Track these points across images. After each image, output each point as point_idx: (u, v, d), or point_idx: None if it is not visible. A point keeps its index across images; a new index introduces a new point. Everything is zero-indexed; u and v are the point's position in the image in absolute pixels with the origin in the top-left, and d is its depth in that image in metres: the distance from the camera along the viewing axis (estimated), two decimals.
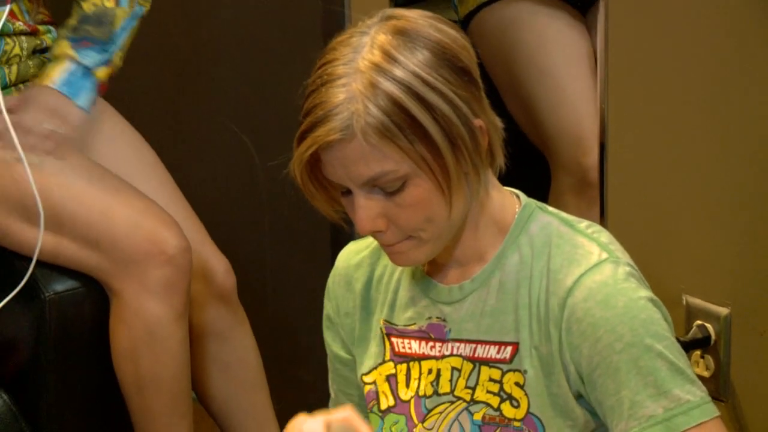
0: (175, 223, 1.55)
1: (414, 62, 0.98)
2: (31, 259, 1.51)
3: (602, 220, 1.57)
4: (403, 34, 1.00)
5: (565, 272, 1.05)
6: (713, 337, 1.45)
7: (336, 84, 0.98)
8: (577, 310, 1.02)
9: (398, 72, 0.97)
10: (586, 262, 1.04)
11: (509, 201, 1.11)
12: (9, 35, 1.61)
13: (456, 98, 0.98)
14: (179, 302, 1.55)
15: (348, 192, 1.00)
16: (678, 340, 1.14)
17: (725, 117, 1.47)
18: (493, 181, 1.08)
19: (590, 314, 1.02)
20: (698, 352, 1.52)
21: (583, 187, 1.81)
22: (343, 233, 1.98)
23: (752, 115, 1.43)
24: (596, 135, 1.64)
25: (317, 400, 1.25)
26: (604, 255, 1.03)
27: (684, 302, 1.51)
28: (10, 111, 1.51)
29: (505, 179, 1.12)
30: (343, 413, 0.96)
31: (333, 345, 1.26)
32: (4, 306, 1.52)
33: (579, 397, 1.05)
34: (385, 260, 1.17)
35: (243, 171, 1.99)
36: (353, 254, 1.24)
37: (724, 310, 1.45)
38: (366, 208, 1.00)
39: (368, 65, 0.98)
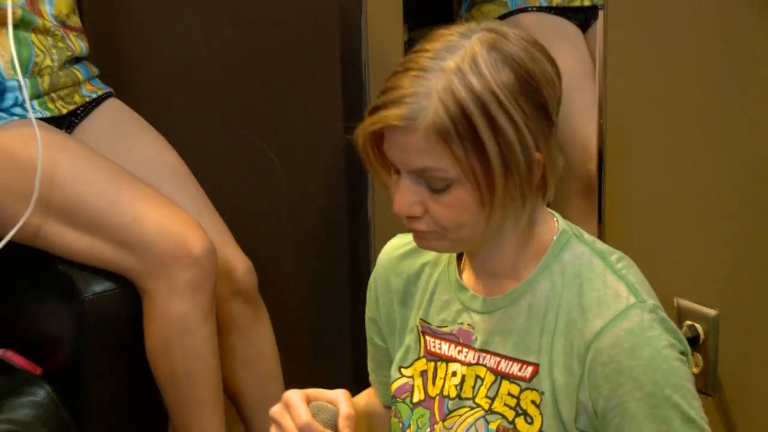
0: (200, 226, 1.63)
1: (496, 81, 1.01)
2: (68, 261, 1.62)
3: (599, 225, 1.63)
4: (497, 50, 1.03)
5: (595, 313, 1.08)
6: (702, 336, 1.53)
7: (419, 74, 1.02)
8: (603, 355, 1.06)
9: (477, 85, 1.01)
10: (615, 306, 1.07)
11: (549, 226, 1.15)
12: (35, 31, 1.68)
13: (524, 128, 1.01)
14: (205, 301, 1.62)
15: (398, 171, 1.06)
16: None
17: (717, 129, 1.55)
18: (540, 207, 1.12)
19: (616, 360, 1.06)
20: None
21: (588, 192, 1.90)
22: (362, 238, 2.14)
23: (743, 127, 1.51)
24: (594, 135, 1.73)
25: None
26: (632, 299, 1.06)
27: (675, 304, 1.57)
28: None
29: None
30: (332, 392, 1.08)
31: (371, 331, 1.32)
32: (48, 305, 1.66)
33: (587, 429, 1.10)
34: (425, 258, 1.24)
35: (265, 176, 2.08)
36: (398, 247, 1.28)
37: (712, 312, 1.54)
38: (408, 193, 1.04)
39: (453, 68, 1.01)
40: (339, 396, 1.11)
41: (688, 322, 1.59)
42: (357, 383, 1.46)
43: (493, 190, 1.01)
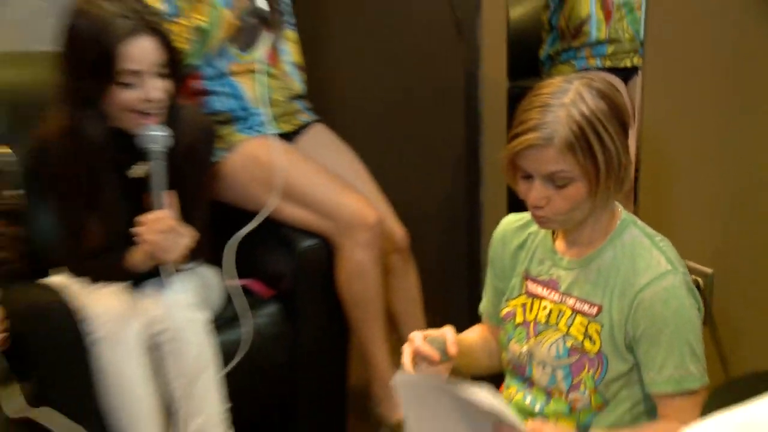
0: (373, 205, 2.26)
1: (599, 108, 1.37)
2: (289, 226, 2.27)
3: (635, 208, 2.11)
4: (593, 89, 1.39)
5: (642, 275, 1.44)
6: (702, 287, 1.92)
7: (544, 109, 1.36)
8: (645, 302, 1.42)
9: (587, 112, 1.35)
10: (656, 271, 1.43)
11: (616, 213, 1.53)
12: (272, 76, 2.32)
13: (617, 141, 1.39)
14: (375, 254, 2.21)
15: (528, 177, 1.41)
16: None
17: (717, 148, 1.97)
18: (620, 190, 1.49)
19: (653, 307, 1.43)
20: None
21: (629, 190, 2.37)
22: (475, 217, 2.72)
23: (739, 140, 1.92)
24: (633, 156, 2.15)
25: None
26: (669, 267, 1.44)
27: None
28: None
29: None
30: (441, 330, 1.48)
31: (491, 274, 1.74)
32: (277, 254, 2.31)
33: (629, 349, 1.48)
34: (530, 230, 1.65)
35: (414, 175, 2.81)
36: (512, 222, 1.68)
37: (709, 270, 1.98)
38: (539, 191, 1.40)
39: (569, 103, 1.35)
40: (447, 330, 1.50)
41: (693, 277, 1.92)
42: (471, 317, 1.91)
43: (598, 184, 1.38)
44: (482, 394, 1.41)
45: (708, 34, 2.01)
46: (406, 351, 1.55)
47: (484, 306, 1.79)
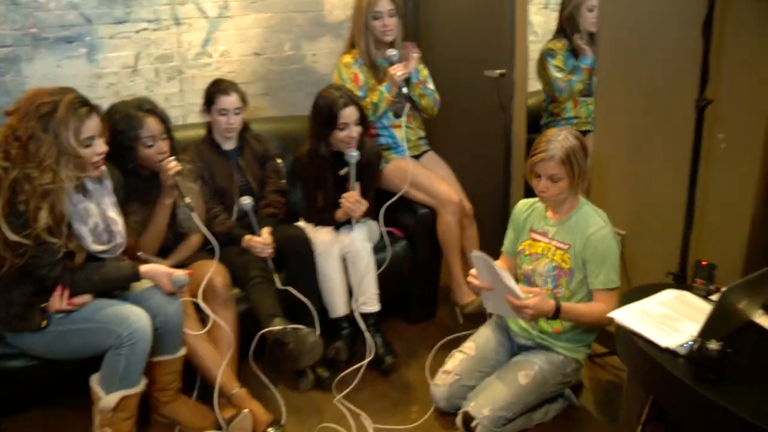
0: (456, 191, 3.36)
1: (574, 145, 2.43)
2: (412, 201, 3.34)
3: (588, 194, 2.86)
4: (572, 135, 2.43)
5: (591, 228, 2.49)
6: (621, 241, 2.66)
7: (548, 142, 2.42)
8: (591, 242, 2.50)
9: (570, 146, 2.40)
10: (597, 226, 2.49)
11: (578, 198, 2.55)
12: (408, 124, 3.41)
13: (582, 162, 2.44)
14: (457, 217, 3.30)
15: (538, 176, 2.45)
16: None
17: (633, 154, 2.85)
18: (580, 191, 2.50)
19: (594, 244, 2.49)
20: None
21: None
22: (506, 196, 3.62)
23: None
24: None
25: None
26: (603, 224, 2.50)
27: None
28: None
29: None
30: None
31: (510, 228, 2.73)
32: (405, 216, 3.29)
33: (584, 266, 2.51)
34: (534, 206, 2.65)
35: (472, 169, 3.80)
36: (523, 204, 2.73)
37: (623, 232, 2.87)
38: (544, 184, 2.46)
39: (562, 140, 2.41)
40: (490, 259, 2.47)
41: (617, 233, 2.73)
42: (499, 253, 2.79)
43: (573, 182, 2.46)
44: (507, 275, 2.45)
45: (626, 113, 2.87)
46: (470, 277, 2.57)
47: (505, 247, 2.80)
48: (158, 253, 3.05)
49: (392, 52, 3.34)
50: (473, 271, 2.51)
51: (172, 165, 2.87)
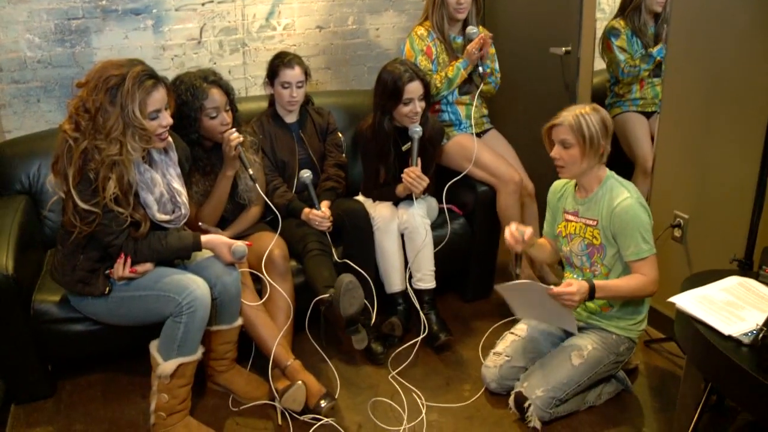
0: (517, 170, 3.35)
1: (588, 114, 2.48)
2: (472, 178, 3.33)
3: (651, 181, 3.03)
4: (592, 109, 2.50)
5: (615, 199, 2.49)
6: (682, 226, 2.91)
7: (565, 110, 2.52)
8: (616, 214, 2.49)
9: (582, 113, 2.47)
10: (621, 197, 2.49)
11: (603, 171, 2.57)
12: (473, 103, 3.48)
13: (598, 132, 2.48)
14: (517, 196, 3.32)
15: (552, 143, 2.54)
16: (672, 226, 2.90)
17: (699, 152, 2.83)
18: (601, 164, 2.54)
19: (620, 215, 2.49)
20: (677, 231, 2.95)
21: (646, 172, 3.40)
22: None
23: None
24: (651, 156, 3.13)
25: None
26: (628, 195, 2.50)
27: (673, 211, 2.97)
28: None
29: (617, 167, 2.63)
30: (525, 226, 2.63)
31: (548, 212, 2.80)
32: (467, 194, 3.28)
33: (614, 239, 2.52)
34: (565, 187, 2.68)
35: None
36: (556, 186, 2.78)
37: (686, 216, 2.94)
38: (557, 150, 2.52)
39: (576, 109, 2.49)
40: (528, 228, 2.57)
41: (678, 220, 2.95)
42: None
43: (584, 151, 2.48)
44: (531, 283, 2.54)
45: (696, 95, 2.83)
46: (507, 230, 2.59)
47: (545, 230, 2.86)
48: (218, 224, 3.11)
49: (473, 30, 3.35)
50: (510, 232, 2.58)
51: (235, 137, 2.90)
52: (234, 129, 2.96)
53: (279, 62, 3.31)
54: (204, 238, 2.65)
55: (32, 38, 3.57)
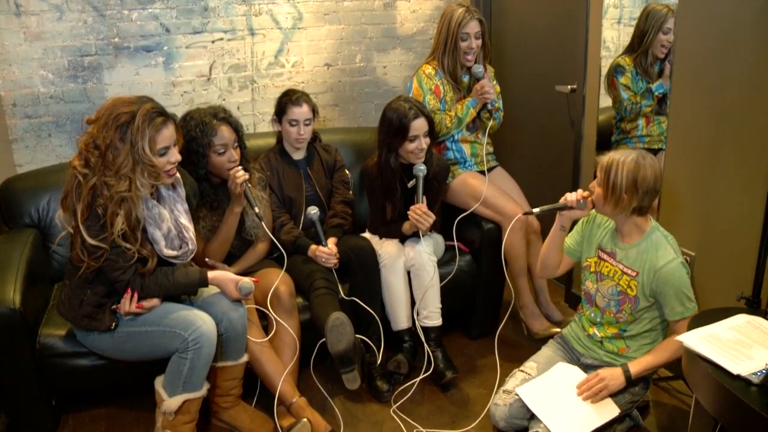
0: (523, 208, 3.31)
1: (624, 165, 2.40)
2: (477, 216, 3.31)
3: (658, 214, 2.89)
4: (636, 160, 2.40)
5: (661, 260, 2.44)
6: (689, 263, 2.75)
7: (616, 153, 2.41)
8: (662, 274, 2.45)
9: (617, 162, 2.40)
10: (668, 257, 2.44)
11: (648, 221, 2.51)
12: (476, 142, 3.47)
13: (625, 188, 2.40)
14: (523, 234, 3.30)
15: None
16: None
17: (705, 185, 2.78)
18: (643, 216, 2.48)
19: (666, 277, 2.44)
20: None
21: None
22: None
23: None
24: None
25: None
26: (674, 255, 2.44)
27: (679, 248, 2.67)
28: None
29: None
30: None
31: (577, 231, 2.74)
32: (471, 230, 3.28)
33: (651, 296, 2.47)
34: (608, 225, 2.61)
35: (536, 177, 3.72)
36: (593, 214, 2.67)
37: (692, 253, 2.83)
38: (593, 184, 2.51)
39: (621, 154, 2.39)
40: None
41: (686, 257, 2.80)
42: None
43: (606, 194, 2.46)
44: (561, 368, 2.48)
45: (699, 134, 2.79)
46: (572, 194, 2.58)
47: (568, 245, 2.76)
48: (225, 260, 3.10)
49: (479, 68, 3.39)
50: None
51: (240, 174, 2.91)
52: (240, 167, 2.97)
53: (287, 100, 3.34)
54: (211, 274, 2.64)
55: (46, 74, 3.63)
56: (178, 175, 2.62)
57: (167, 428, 2.56)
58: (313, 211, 3.14)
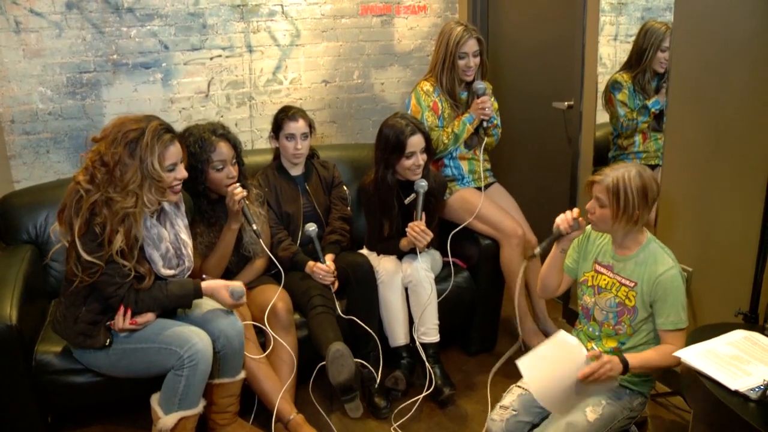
0: (520, 224, 3.32)
1: (630, 180, 2.27)
2: (474, 231, 3.30)
3: (655, 228, 2.90)
4: (638, 173, 2.28)
5: (660, 267, 2.31)
6: (686, 278, 2.75)
7: (613, 169, 2.29)
8: (660, 282, 2.31)
9: (623, 179, 2.26)
10: (666, 266, 2.31)
11: (644, 234, 2.38)
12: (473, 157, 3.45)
13: (635, 201, 2.27)
14: (521, 249, 3.27)
15: (591, 198, 2.36)
16: None
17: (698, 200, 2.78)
18: (640, 227, 2.34)
19: (664, 284, 2.31)
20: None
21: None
22: None
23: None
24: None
25: None
26: (672, 264, 2.31)
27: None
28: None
29: None
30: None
31: (574, 248, 2.57)
32: (469, 246, 3.29)
33: (650, 305, 2.32)
34: (603, 237, 2.48)
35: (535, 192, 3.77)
36: (591, 230, 2.52)
37: (690, 268, 2.84)
38: (592, 204, 2.35)
39: (623, 171, 2.26)
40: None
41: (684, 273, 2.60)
42: None
43: (616, 214, 2.31)
44: (562, 337, 2.29)
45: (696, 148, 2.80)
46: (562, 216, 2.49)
47: (567, 264, 2.66)
48: (222, 276, 3.08)
49: (480, 85, 3.39)
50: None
51: (238, 191, 2.90)
52: (238, 183, 2.97)
53: (283, 115, 3.35)
54: (204, 284, 2.64)
55: (45, 91, 3.64)
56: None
57: None
58: (311, 227, 3.14)
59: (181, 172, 2.52)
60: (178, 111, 3.89)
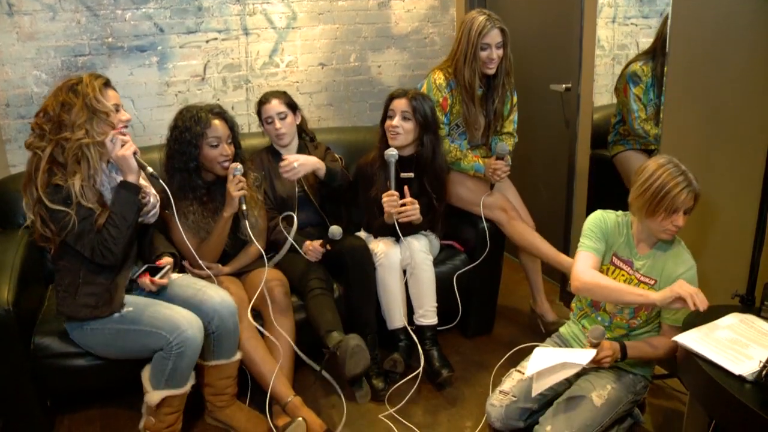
0: (518, 209, 3.34)
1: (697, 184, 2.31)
2: (476, 215, 3.33)
3: None
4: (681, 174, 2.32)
5: (681, 268, 2.43)
6: None
7: (686, 175, 2.35)
8: (685, 280, 2.34)
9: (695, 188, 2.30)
10: (689, 264, 2.45)
11: None
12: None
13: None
14: (517, 222, 3.28)
15: (673, 213, 2.34)
16: None
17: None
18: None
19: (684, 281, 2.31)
20: None
21: None
22: (567, 217, 3.62)
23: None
24: None
25: None
26: (692, 263, 2.44)
27: None
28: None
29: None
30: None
31: (598, 236, 2.56)
32: (469, 229, 3.30)
33: None
34: (622, 231, 2.54)
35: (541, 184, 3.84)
36: (611, 218, 2.57)
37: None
38: (685, 219, 2.36)
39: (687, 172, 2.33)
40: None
41: None
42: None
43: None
44: (557, 352, 2.45)
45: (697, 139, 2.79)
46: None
47: (594, 246, 2.59)
48: (219, 260, 3.09)
49: (504, 148, 3.29)
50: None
51: (241, 185, 2.90)
52: (242, 178, 2.95)
53: (259, 102, 3.37)
54: (132, 177, 2.59)
55: (39, 74, 3.62)
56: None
57: (151, 416, 2.61)
58: (337, 230, 3.07)
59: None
60: (174, 94, 3.88)
